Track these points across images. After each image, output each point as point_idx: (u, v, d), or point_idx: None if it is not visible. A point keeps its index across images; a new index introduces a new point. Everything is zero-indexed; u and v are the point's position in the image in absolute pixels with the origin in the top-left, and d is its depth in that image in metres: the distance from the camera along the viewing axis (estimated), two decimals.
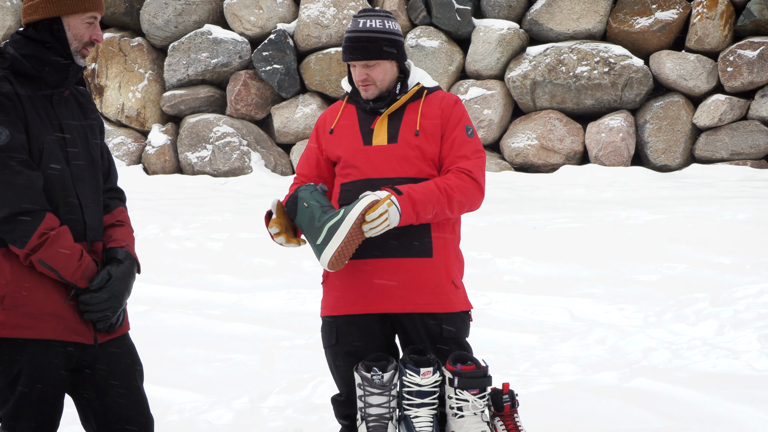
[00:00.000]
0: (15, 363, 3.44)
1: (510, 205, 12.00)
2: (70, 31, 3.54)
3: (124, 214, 3.71)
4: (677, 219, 10.61)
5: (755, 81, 14.47)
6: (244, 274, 8.97)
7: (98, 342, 3.55)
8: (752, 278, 7.89)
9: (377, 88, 4.00)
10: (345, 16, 15.63)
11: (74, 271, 3.44)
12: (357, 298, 3.97)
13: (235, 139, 15.77)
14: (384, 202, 3.78)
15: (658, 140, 14.76)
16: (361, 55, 3.96)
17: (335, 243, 3.81)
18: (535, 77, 14.93)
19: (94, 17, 3.57)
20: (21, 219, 3.37)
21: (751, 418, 5.03)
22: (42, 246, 3.39)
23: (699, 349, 6.25)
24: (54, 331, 3.45)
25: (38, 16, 3.52)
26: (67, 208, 3.50)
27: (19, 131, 3.41)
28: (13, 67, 3.49)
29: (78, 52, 3.56)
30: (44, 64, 3.50)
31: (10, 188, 3.37)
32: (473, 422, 3.83)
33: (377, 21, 4.00)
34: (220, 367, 6.40)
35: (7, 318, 3.42)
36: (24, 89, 3.48)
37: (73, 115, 3.60)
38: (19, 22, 17.10)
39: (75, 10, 3.53)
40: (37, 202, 3.40)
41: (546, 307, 7.48)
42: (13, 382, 3.44)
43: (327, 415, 5.21)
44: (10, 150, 3.38)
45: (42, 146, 3.46)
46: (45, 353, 3.45)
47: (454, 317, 3.99)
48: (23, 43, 3.52)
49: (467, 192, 3.93)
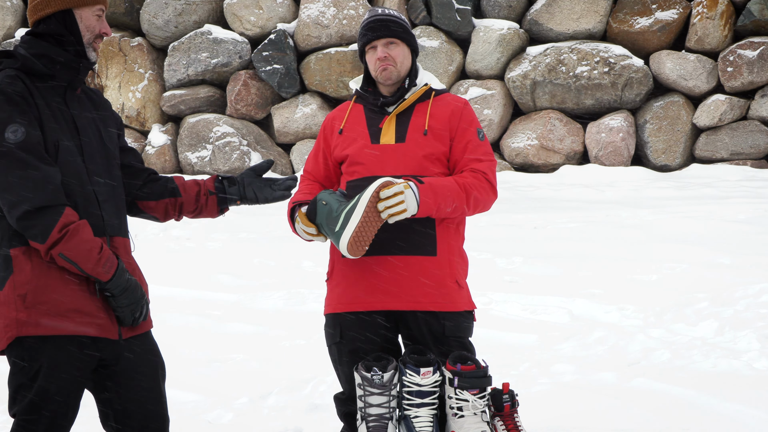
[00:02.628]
0: (35, 361, 3.44)
1: (510, 205, 12.00)
2: (82, 22, 3.58)
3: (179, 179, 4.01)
4: (677, 219, 10.61)
5: (755, 81, 14.47)
6: (244, 274, 8.97)
7: (122, 338, 3.55)
8: (752, 278, 7.89)
9: (396, 70, 4.05)
10: (345, 16, 15.63)
11: (95, 264, 3.44)
12: (361, 296, 3.98)
13: (235, 139, 15.77)
14: (400, 184, 3.80)
15: (658, 140, 14.76)
16: (383, 33, 4.04)
17: (352, 225, 3.81)
18: (535, 77, 14.93)
19: (101, 10, 3.62)
20: (41, 214, 3.39)
21: (751, 418, 5.03)
22: (62, 240, 3.40)
23: (699, 349, 6.25)
24: (77, 327, 3.46)
25: (51, 10, 3.55)
26: (85, 203, 3.52)
27: (34, 128, 3.44)
28: (25, 67, 3.52)
29: (90, 44, 3.60)
30: (55, 62, 3.53)
31: (28, 184, 3.39)
32: (473, 422, 3.83)
33: (393, 10, 4.14)
34: (220, 367, 6.41)
35: (30, 316, 3.42)
36: (36, 88, 3.50)
37: (86, 111, 3.63)
38: (20, 21, 17.09)
39: (86, 2, 3.57)
40: (56, 196, 3.42)
41: (546, 307, 7.48)
42: (32, 380, 3.45)
43: (327, 415, 5.21)
44: (27, 146, 3.40)
45: (58, 142, 3.48)
46: (66, 350, 3.45)
47: (457, 316, 4.00)
48: (33, 43, 3.55)
49: (483, 191, 3.97)
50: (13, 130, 3.40)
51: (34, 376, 3.44)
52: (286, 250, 9.52)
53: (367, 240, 3.83)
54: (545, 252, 9.26)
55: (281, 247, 9.71)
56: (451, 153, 4.05)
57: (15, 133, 3.40)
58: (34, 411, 3.45)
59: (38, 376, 3.43)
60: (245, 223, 11.29)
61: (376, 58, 4.05)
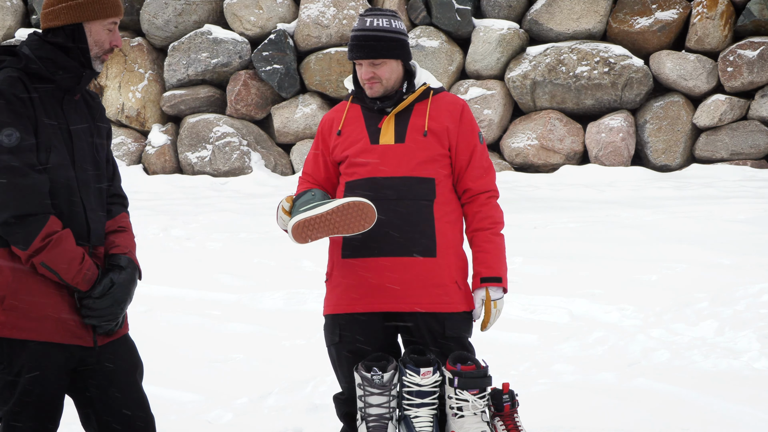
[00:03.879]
0: (14, 363, 3.45)
1: (510, 205, 11.98)
2: (91, 37, 3.55)
3: (126, 219, 3.73)
4: (677, 219, 10.61)
5: (755, 81, 14.47)
6: (244, 274, 8.96)
7: (98, 345, 3.56)
8: (752, 278, 7.89)
9: (383, 86, 4.01)
10: (345, 16, 15.63)
11: (75, 274, 3.45)
12: (360, 297, 3.98)
13: (235, 139, 15.76)
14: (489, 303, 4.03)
15: (658, 140, 14.75)
16: (367, 54, 3.98)
17: (310, 213, 3.87)
18: (535, 77, 14.93)
19: (114, 23, 3.58)
20: (25, 221, 3.39)
21: (751, 418, 5.03)
22: (45, 249, 3.40)
23: (699, 349, 6.25)
24: (54, 334, 3.47)
25: (60, 22, 3.52)
26: (71, 211, 3.51)
27: (28, 134, 3.42)
28: (27, 68, 3.49)
29: (98, 58, 3.58)
30: (59, 68, 3.51)
31: (15, 190, 3.38)
32: (473, 422, 3.83)
33: (384, 20, 4.02)
34: (220, 367, 6.40)
35: (8, 318, 3.43)
36: (36, 90, 3.48)
37: (81, 118, 3.60)
38: (19, 21, 17.09)
39: (97, 16, 3.53)
40: (41, 205, 3.41)
41: (546, 307, 7.48)
42: (13, 382, 3.46)
43: (327, 415, 5.21)
44: (19, 152, 3.39)
45: (50, 149, 3.47)
46: (45, 354, 3.46)
47: (456, 317, 4.00)
48: (39, 45, 3.52)
49: (500, 212, 4.17)
50: (7, 134, 3.39)
51: (16, 377, 3.45)
52: (286, 250, 9.52)
53: (315, 233, 3.89)
54: (545, 252, 9.26)
55: (281, 247, 9.71)
56: (455, 158, 4.06)
57: (9, 137, 3.39)
58: (20, 412, 3.46)
59: (20, 378, 3.45)
60: (245, 223, 11.29)
61: (362, 76, 4.03)
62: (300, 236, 3.87)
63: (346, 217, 3.85)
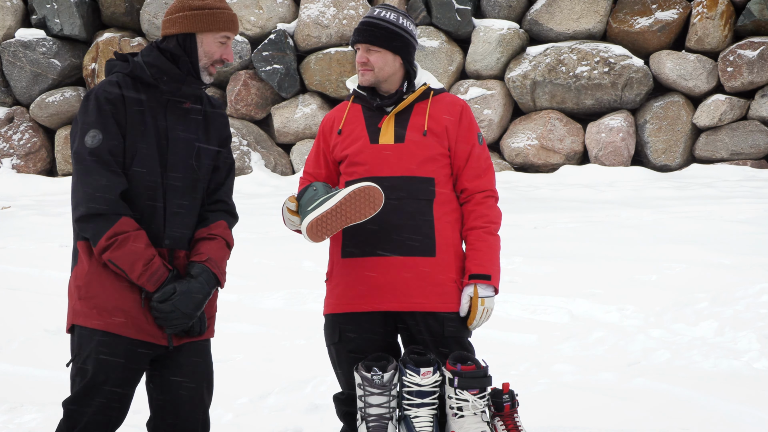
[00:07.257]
0: (83, 350, 3.58)
1: (510, 205, 11.99)
2: (202, 47, 3.68)
3: (221, 228, 3.77)
4: (677, 219, 10.61)
5: (755, 81, 14.47)
6: (245, 274, 8.96)
7: (173, 345, 3.66)
8: (752, 278, 7.89)
9: (375, 75, 4.03)
10: (345, 16, 15.64)
11: (140, 274, 3.55)
12: (360, 296, 3.99)
13: (235, 139, 15.77)
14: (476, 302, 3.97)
15: (658, 140, 14.75)
16: (365, 39, 4.02)
17: (321, 209, 3.88)
18: (535, 77, 14.93)
19: (227, 37, 3.71)
20: (94, 220, 3.53)
21: (751, 418, 5.03)
22: (110, 248, 3.53)
23: (699, 349, 6.25)
24: (122, 327, 3.57)
25: (175, 31, 3.67)
26: (150, 214, 3.62)
27: (112, 136, 3.56)
28: (133, 73, 3.63)
29: (206, 69, 3.70)
30: (163, 74, 3.63)
31: (89, 189, 3.53)
32: (473, 422, 3.83)
33: (392, 14, 4.07)
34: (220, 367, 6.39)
35: (82, 307, 3.58)
36: (139, 94, 3.61)
37: (186, 126, 3.69)
38: (20, 21, 17.10)
39: (210, 28, 3.67)
40: (112, 205, 3.53)
41: (546, 307, 7.48)
42: (83, 369, 3.58)
43: (327, 415, 5.21)
44: (99, 153, 3.54)
45: (135, 151, 3.59)
46: (111, 345, 3.57)
47: (456, 317, 4.00)
48: (150, 51, 3.67)
49: (497, 212, 4.12)
50: (92, 135, 3.55)
51: (83, 364, 3.57)
52: (286, 250, 9.52)
53: (331, 229, 3.89)
54: (545, 252, 9.25)
55: (281, 247, 9.71)
56: (454, 158, 4.07)
57: (93, 138, 3.54)
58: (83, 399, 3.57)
59: (87, 366, 3.56)
60: (245, 223, 11.28)
61: (357, 60, 4.07)
62: (316, 235, 3.88)
63: (355, 204, 3.87)
